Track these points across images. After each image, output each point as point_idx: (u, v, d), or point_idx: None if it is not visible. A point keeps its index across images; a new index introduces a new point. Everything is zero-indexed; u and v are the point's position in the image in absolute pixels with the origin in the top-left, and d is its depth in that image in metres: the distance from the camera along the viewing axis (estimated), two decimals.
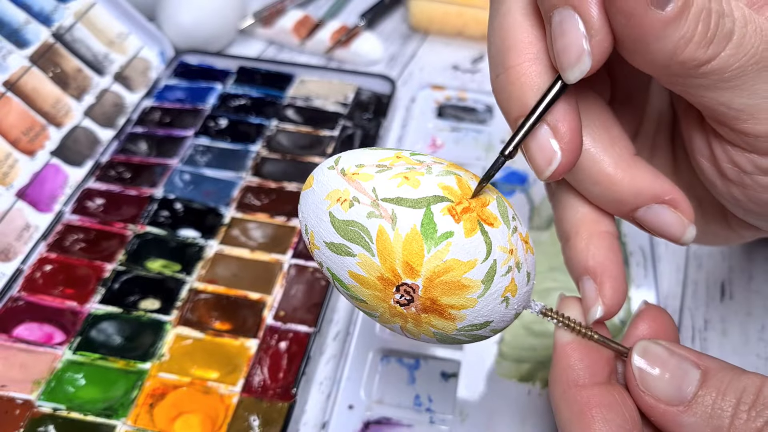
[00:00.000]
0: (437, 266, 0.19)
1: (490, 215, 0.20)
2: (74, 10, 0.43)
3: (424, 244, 0.19)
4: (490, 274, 0.19)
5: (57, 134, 0.39)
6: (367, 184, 0.19)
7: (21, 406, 0.29)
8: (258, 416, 0.29)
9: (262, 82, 0.46)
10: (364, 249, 0.19)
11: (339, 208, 0.19)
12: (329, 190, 0.20)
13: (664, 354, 0.21)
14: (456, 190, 0.20)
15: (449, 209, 0.19)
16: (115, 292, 0.33)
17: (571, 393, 0.21)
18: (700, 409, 0.19)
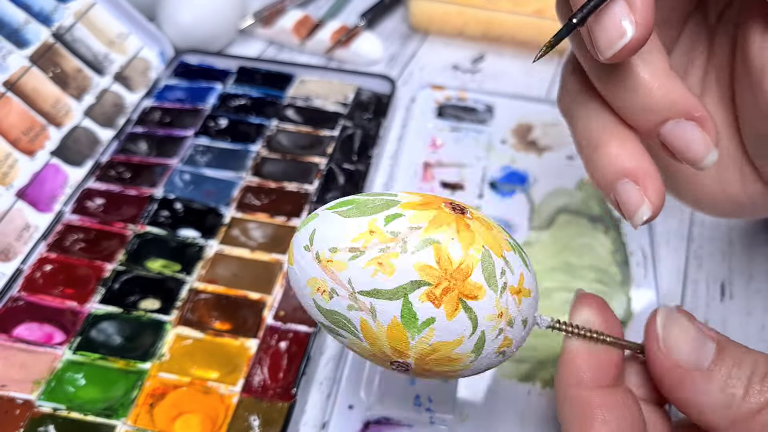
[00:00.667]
0: (424, 349, 0.19)
1: (474, 287, 0.19)
2: (74, 10, 0.43)
3: (407, 333, 0.19)
4: (479, 345, 0.19)
5: (57, 134, 0.39)
6: (342, 274, 0.19)
7: (21, 406, 0.29)
8: (258, 416, 0.29)
9: (262, 82, 0.46)
10: (352, 335, 0.20)
11: (321, 298, 0.20)
12: (308, 276, 0.20)
13: (685, 321, 0.21)
14: (434, 267, 0.19)
15: (428, 294, 0.19)
16: (115, 292, 0.33)
17: (574, 393, 0.21)
18: (717, 377, 0.20)
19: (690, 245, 0.38)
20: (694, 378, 0.20)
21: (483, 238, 0.20)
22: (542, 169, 0.41)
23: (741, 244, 0.38)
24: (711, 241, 0.38)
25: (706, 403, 0.20)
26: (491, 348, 0.19)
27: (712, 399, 0.20)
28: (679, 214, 0.40)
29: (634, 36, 0.18)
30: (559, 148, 0.43)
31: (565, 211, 0.39)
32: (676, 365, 0.20)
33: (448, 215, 0.20)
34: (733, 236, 0.38)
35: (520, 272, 0.20)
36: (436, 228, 0.19)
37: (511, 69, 0.50)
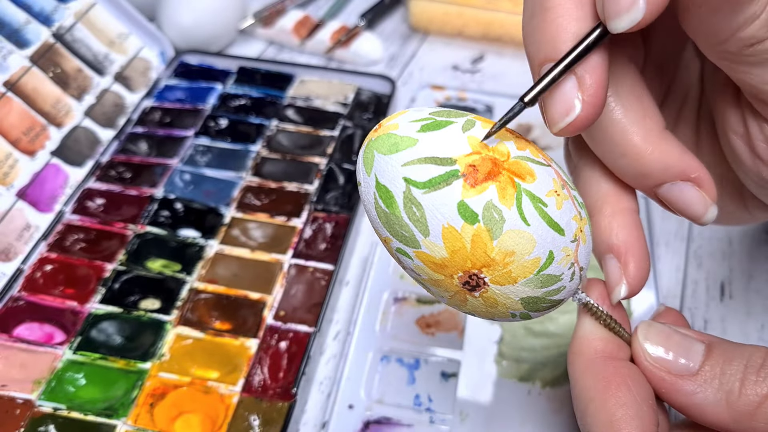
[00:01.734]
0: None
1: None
2: (74, 11, 0.43)
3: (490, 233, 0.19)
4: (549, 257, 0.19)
5: (57, 134, 0.39)
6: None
7: (21, 405, 0.29)
8: (258, 416, 0.29)
9: (263, 82, 0.46)
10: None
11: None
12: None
13: (666, 329, 0.21)
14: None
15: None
16: (115, 292, 0.33)
17: (597, 363, 0.21)
18: (709, 375, 0.20)
19: (690, 245, 0.38)
20: (687, 383, 0.20)
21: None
22: None
23: (740, 244, 0.38)
24: (710, 241, 0.38)
25: (704, 403, 0.20)
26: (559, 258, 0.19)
27: (708, 399, 0.20)
28: None
29: (580, 114, 0.18)
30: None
31: None
32: (666, 373, 0.20)
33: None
34: (732, 236, 0.38)
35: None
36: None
37: (510, 69, 0.50)
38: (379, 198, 0.19)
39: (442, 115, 0.19)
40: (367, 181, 0.19)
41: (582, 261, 0.20)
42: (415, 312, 0.34)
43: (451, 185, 0.18)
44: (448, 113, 0.20)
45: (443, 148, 0.18)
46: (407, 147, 0.19)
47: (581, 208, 0.20)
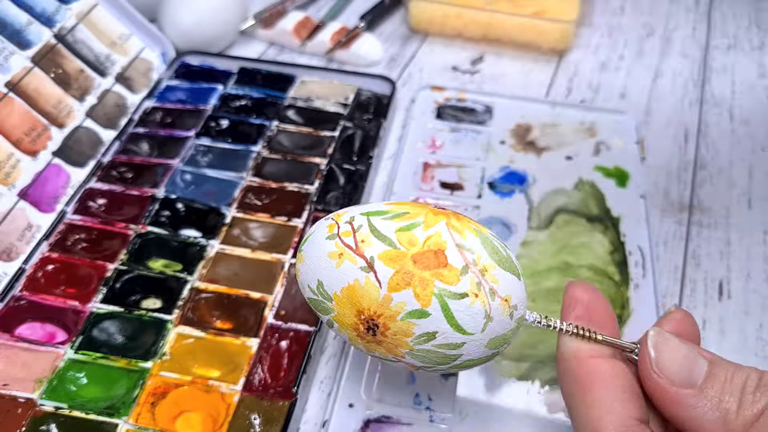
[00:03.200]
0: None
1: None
2: (76, 12, 0.43)
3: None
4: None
5: (59, 135, 0.39)
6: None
7: (23, 404, 0.29)
8: (259, 415, 0.29)
9: (263, 82, 0.46)
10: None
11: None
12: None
13: (675, 340, 0.21)
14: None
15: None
16: (116, 292, 0.34)
17: (574, 362, 0.22)
18: (710, 392, 0.20)
19: (688, 245, 0.38)
20: (689, 396, 0.20)
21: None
22: (541, 169, 0.41)
23: (738, 244, 0.38)
24: (709, 241, 0.38)
25: (701, 419, 0.20)
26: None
27: (706, 415, 0.20)
28: (678, 214, 0.40)
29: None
30: (558, 149, 0.43)
31: (563, 211, 0.39)
32: (669, 384, 0.21)
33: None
34: (731, 236, 0.39)
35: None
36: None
37: (510, 70, 0.51)
38: None
39: (314, 304, 0.24)
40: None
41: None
42: None
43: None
44: (317, 306, 0.24)
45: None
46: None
47: (447, 375, 0.23)
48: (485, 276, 0.21)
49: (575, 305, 0.23)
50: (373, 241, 0.22)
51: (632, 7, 0.58)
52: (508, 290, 0.22)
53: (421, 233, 0.22)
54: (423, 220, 0.22)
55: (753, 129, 0.46)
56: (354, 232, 0.22)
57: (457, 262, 0.21)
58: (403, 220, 0.22)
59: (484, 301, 0.21)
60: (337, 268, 0.22)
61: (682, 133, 0.46)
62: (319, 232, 0.24)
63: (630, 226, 0.38)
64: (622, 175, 0.41)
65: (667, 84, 0.50)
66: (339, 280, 0.22)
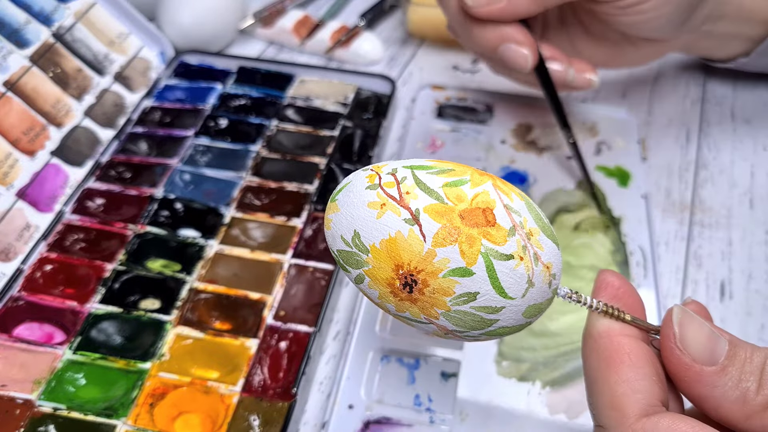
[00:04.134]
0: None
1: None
2: (74, 10, 0.43)
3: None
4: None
5: (57, 134, 0.39)
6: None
7: (21, 405, 0.29)
8: (258, 416, 0.29)
9: (262, 82, 0.46)
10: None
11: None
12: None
13: (699, 319, 0.22)
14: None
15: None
16: (115, 292, 0.33)
17: (602, 340, 0.22)
18: (731, 372, 0.20)
19: (689, 245, 0.38)
20: (711, 374, 0.21)
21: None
22: (542, 169, 0.41)
23: (740, 244, 0.38)
24: (710, 241, 0.38)
25: (721, 398, 0.20)
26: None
27: (727, 394, 0.20)
28: (679, 214, 0.40)
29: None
30: (559, 148, 0.43)
31: (564, 210, 0.39)
32: (692, 361, 0.21)
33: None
34: (732, 236, 0.38)
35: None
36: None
37: None
38: None
39: (343, 258, 0.22)
40: None
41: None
42: None
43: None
44: (348, 259, 0.22)
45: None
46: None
47: (477, 339, 0.22)
48: (531, 240, 0.21)
49: (606, 287, 0.23)
50: (419, 194, 0.21)
51: None
52: (550, 258, 0.21)
53: (469, 190, 0.21)
54: (469, 178, 0.22)
55: (754, 128, 0.46)
56: (398, 184, 0.21)
57: (505, 222, 0.21)
58: (449, 176, 0.22)
59: (528, 265, 0.20)
60: (378, 218, 0.21)
61: (683, 132, 0.45)
62: (358, 182, 0.22)
63: (631, 226, 0.38)
64: (623, 175, 0.41)
65: (669, 83, 0.50)
66: (379, 231, 0.21)
